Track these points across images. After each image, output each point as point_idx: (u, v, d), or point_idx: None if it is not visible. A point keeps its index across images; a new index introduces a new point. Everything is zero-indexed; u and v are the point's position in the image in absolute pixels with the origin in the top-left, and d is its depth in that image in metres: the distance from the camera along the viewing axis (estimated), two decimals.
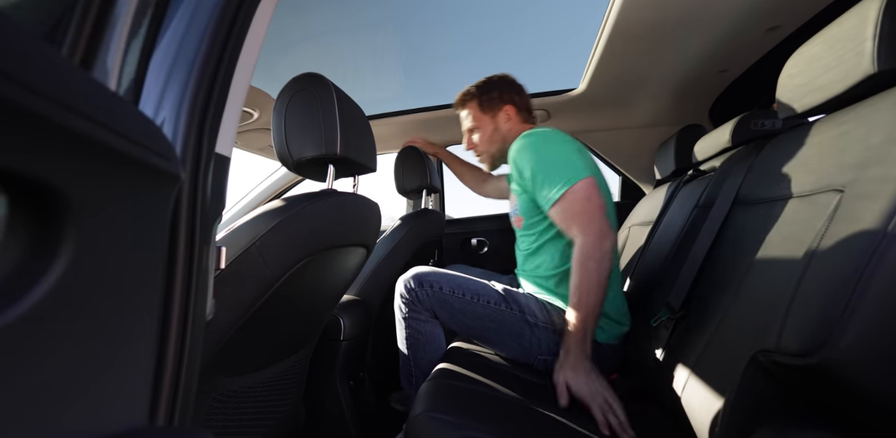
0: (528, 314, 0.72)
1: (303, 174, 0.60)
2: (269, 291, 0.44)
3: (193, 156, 0.27)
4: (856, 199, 0.35)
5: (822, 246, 0.37)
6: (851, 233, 0.34)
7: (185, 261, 0.26)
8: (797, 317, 0.35)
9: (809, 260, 0.37)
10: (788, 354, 0.34)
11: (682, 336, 0.57)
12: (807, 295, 0.35)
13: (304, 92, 0.54)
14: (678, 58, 0.96)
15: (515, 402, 0.55)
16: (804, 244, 0.39)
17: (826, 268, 0.35)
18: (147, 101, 0.26)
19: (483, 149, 0.91)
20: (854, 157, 0.38)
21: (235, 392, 0.48)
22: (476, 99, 0.90)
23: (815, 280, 0.35)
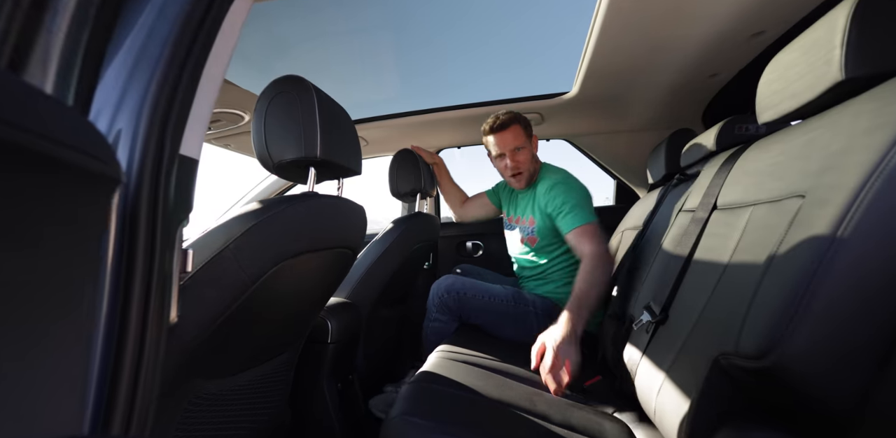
0: (531, 306, 0.99)
1: (284, 176, 0.61)
2: (245, 294, 0.45)
3: (154, 158, 0.27)
4: (812, 206, 0.36)
5: (779, 251, 0.37)
6: (805, 239, 0.34)
7: (145, 265, 0.27)
8: (754, 321, 0.35)
9: (769, 265, 0.38)
10: (745, 357, 0.34)
11: (660, 340, 0.57)
12: (763, 300, 0.36)
13: (285, 94, 0.54)
14: (668, 62, 0.96)
15: (496, 406, 0.55)
16: (766, 250, 0.40)
17: (781, 273, 0.35)
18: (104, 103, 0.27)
19: (526, 167, 1.07)
20: (816, 164, 0.39)
21: (214, 395, 0.49)
22: (520, 122, 1.06)
23: (771, 284, 0.36)
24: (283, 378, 0.64)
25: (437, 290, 1.00)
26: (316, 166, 0.59)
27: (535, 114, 1.41)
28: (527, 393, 0.61)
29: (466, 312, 0.99)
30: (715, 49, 0.87)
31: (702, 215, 0.60)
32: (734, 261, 0.47)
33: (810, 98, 0.43)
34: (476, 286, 1.01)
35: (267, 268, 0.47)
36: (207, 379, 0.47)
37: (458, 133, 1.57)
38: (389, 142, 1.59)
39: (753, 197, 0.49)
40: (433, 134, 1.58)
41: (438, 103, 1.46)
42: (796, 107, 0.46)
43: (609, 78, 1.07)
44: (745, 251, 0.45)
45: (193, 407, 0.45)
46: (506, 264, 1.50)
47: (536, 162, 1.11)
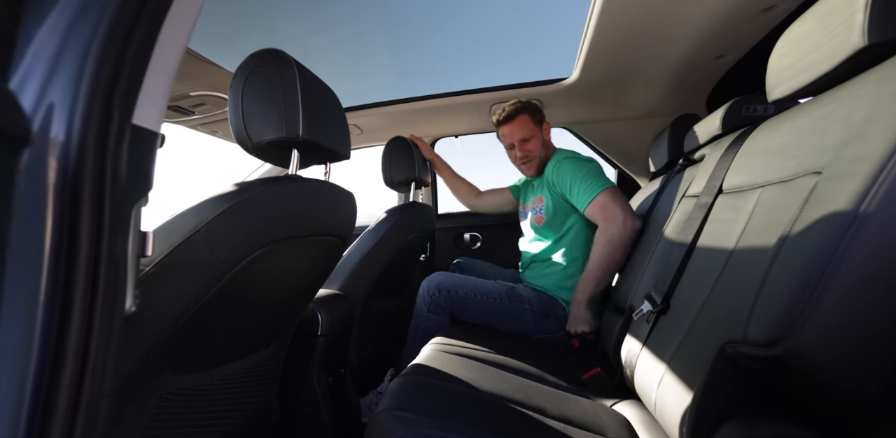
0: (527, 304, 0.96)
1: (265, 159, 0.57)
2: (222, 281, 0.42)
3: (99, 128, 0.24)
4: (831, 181, 0.33)
5: (793, 231, 0.34)
6: (822, 216, 0.31)
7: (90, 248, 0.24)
8: (764, 306, 0.33)
9: (780, 247, 0.35)
10: (754, 345, 0.32)
11: (662, 330, 0.55)
12: (774, 284, 0.33)
13: (263, 69, 0.50)
14: (671, 43, 0.92)
15: (490, 399, 0.53)
16: (778, 231, 0.37)
17: (795, 255, 0.33)
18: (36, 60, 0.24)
19: (535, 154, 1.07)
20: (835, 138, 0.36)
21: (190, 390, 0.47)
22: (527, 112, 1.06)
23: (784, 267, 0.33)
24: (270, 372, 0.62)
25: (428, 288, 0.97)
26: (299, 148, 0.55)
27: (535, 101, 1.36)
28: (522, 386, 0.59)
29: (459, 311, 0.96)
30: (722, 27, 0.83)
31: (706, 200, 0.57)
32: (741, 246, 0.44)
33: (827, 69, 0.40)
34: (467, 283, 0.97)
35: (244, 254, 0.44)
36: (181, 373, 0.45)
37: (456, 121, 1.53)
38: (385, 131, 1.55)
39: (763, 178, 0.46)
40: (430, 122, 1.53)
41: (435, 90, 1.41)
42: (811, 80, 0.43)
43: (610, 61, 1.03)
44: (754, 235, 0.42)
45: (166, 404, 0.43)
46: (505, 256, 1.48)
47: (548, 148, 1.09)
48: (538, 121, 1.07)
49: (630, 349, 0.61)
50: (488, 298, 0.96)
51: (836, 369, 0.28)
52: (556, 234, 1.03)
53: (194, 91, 0.98)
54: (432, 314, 0.97)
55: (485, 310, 0.96)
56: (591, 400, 0.60)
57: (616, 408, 0.59)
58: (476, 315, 0.96)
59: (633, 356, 0.59)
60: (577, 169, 0.96)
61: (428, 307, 0.97)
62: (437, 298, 0.96)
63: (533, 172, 1.09)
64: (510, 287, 0.99)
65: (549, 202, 1.03)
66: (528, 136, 1.06)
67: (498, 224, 1.65)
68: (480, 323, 0.97)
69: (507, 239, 1.64)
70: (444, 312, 0.97)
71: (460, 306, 0.96)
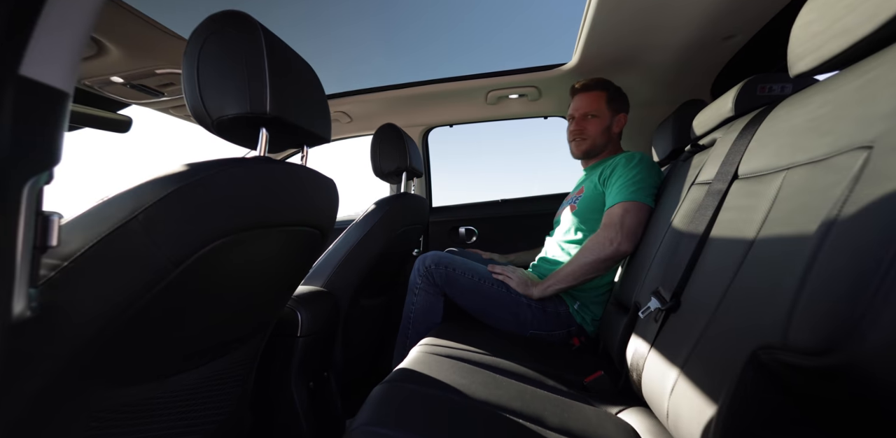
0: (523, 297, 0.90)
1: (230, 139, 0.50)
2: (167, 279, 0.36)
3: None
4: (891, 153, 0.28)
5: (842, 215, 0.29)
6: (885, 194, 0.26)
7: None
8: (810, 305, 0.27)
9: (825, 234, 0.30)
10: (799, 352, 0.27)
11: (672, 330, 0.49)
12: (823, 277, 0.28)
13: (222, 34, 0.44)
14: (675, 24, 0.86)
15: (482, 408, 0.48)
16: (818, 216, 0.31)
17: (849, 242, 0.27)
18: None
19: (590, 135, 1.00)
20: (886, 105, 0.30)
21: (131, 407, 0.40)
22: (607, 91, 1.00)
23: (834, 257, 0.28)
24: (237, 379, 0.56)
25: (424, 261, 0.92)
26: (268, 127, 0.49)
27: (532, 87, 1.30)
28: (519, 392, 0.54)
29: (453, 290, 0.91)
30: (733, 3, 0.77)
31: (720, 186, 0.52)
32: (764, 236, 0.39)
33: (868, 32, 0.34)
34: (466, 264, 0.93)
35: (195, 247, 0.37)
36: (118, 387, 0.38)
37: (450, 109, 1.46)
38: (375, 119, 1.48)
39: (787, 160, 0.41)
40: (424, 109, 1.46)
41: (429, 76, 1.34)
42: (846, 47, 0.37)
43: (611, 45, 0.97)
44: (781, 222, 0.37)
45: (100, 425, 0.36)
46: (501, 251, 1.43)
47: (608, 138, 1.01)
48: (614, 108, 1.00)
49: (636, 350, 0.56)
50: (486, 283, 0.91)
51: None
52: (577, 231, 0.97)
53: (161, 68, 0.90)
54: (425, 292, 0.92)
55: (480, 295, 0.90)
56: (594, 407, 0.54)
57: (622, 416, 0.54)
58: (471, 298, 0.91)
59: (640, 358, 0.54)
60: (639, 169, 0.88)
61: (422, 282, 0.92)
62: (433, 272, 0.90)
63: (579, 153, 1.03)
64: None
65: (587, 193, 0.97)
66: (594, 114, 0.99)
67: (494, 217, 1.60)
68: (473, 308, 0.92)
69: (504, 233, 1.58)
70: (437, 290, 0.92)
71: (455, 285, 0.91)
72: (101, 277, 0.32)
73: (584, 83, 1.02)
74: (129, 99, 1.03)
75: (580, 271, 0.84)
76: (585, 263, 0.84)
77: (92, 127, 0.95)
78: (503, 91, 1.32)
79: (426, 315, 0.93)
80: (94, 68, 0.86)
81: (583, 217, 0.96)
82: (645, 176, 0.87)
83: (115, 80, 0.92)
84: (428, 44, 1.33)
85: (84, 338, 0.31)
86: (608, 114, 0.99)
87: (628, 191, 0.85)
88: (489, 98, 1.36)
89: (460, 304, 0.93)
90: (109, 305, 0.33)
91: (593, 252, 0.83)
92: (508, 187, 3.71)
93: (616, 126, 1.01)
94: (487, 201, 1.66)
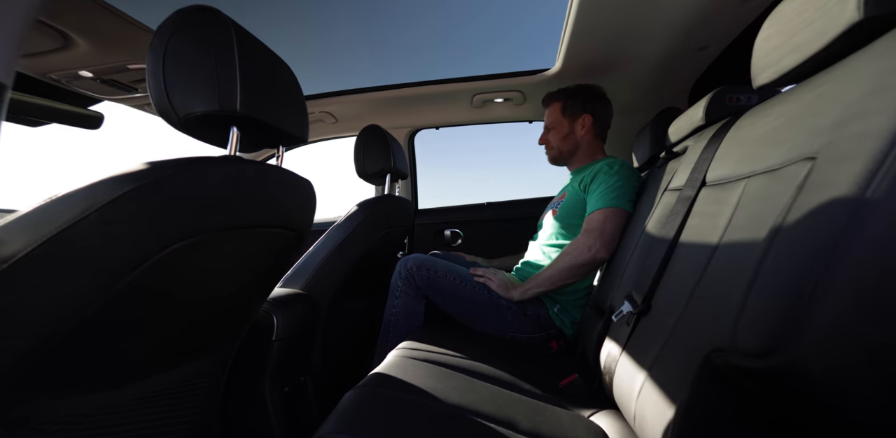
0: (503, 300, 0.90)
1: (197, 136, 0.48)
2: (122, 282, 0.34)
3: None
4: (829, 164, 0.29)
5: (786, 223, 0.30)
6: (822, 203, 0.27)
7: None
8: (755, 308, 0.29)
9: (771, 241, 0.31)
10: (745, 354, 0.28)
11: (643, 333, 0.50)
12: (767, 282, 0.29)
13: (190, 30, 0.42)
14: (651, 34, 0.88)
15: (453, 412, 0.47)
16: (767, 224, 0.33)
17: (790, 249, 0.29)
18: None
19: (554, 145, 1.06)
20: (829, 118, 0.32)
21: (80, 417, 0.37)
22: (560, 101, 1.04)
23: (776, 263, 0.29)
24: (204, 386, 0.53)
25: (406, 264, 0.92)
26: (239, 125, 0.47)
27: (517, 92, 1.31)
28: (493, 395, 0.54)
29: (434, 293, 0.91)
30: (704, 17, 0.80)
31: (689, 193, 0.53)
32: (725, 241, 0.40)
33: (819, 47, 0.36)
34: (448, 267, 0.93)
35: (153, 249, 0.36)
36: (64, 397, 0.36)
37: (436, 111, 1.46)
38: (361, 120, 1.47)
39: (748, 168, 0.42)
40: (410, 111, 1.46)
41: (415, 78, 1.34)
42: (801, 61, 0.39)
43: (591, 52, 0.99)
44: (739, 229, 0.38)
45: (40, 437, 0.34)
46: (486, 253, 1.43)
47: (574, 143, 1.04)
48: (571, 114, 1.02)
49: (609, 353, 0.56)
50: (467, 285, 0.91)
51: (844, 383, 0.23)
52: (557, 236, 0.98)
53: (133, 64, 0.87)
54: (406, 295, 0.92)
55: (461, 297, 0.90)
56: (567, 411, 0.55)
57: (594, 419, 0.54)
58: (452, 301, 0.91)
59: (612, 361, 0.54)
60: (619, 177, 0.90)
61: (403, 284, 0.91)
62: (415, 274, 0.90)
63: (551, 160, 1.09)
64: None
65: (568, 197, 0.99)
66: (551, 126, 1.05)
67: (479, 220, 1.60)
68: (455, 311, 0.92)
69: (489, 236, 1.59)
70: (419, 293, 0.92)
71: (437, 288, 0.91)
72: (45, 282, 0.30)
73: (543, 98, 1.08)
74: (100, 94, 0.99)
75: (558, 276, 0.85)
76: (563, 268, 0.85)
77: (59, 122, 0.91)
78: (488, 94, 1.33)
79: (407, 318, 0.93)
80: (61, 61, 0.83)
81: (564, 222, 0.98)
82: (624, 182, 0.89)
83: (84, 75, 0.88)
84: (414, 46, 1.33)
85: (18, 348, 0.29)
86: (565, 122, 1.03)
87: (609, 198, 0.87)
88: (475, 101, 1.37)
89: (441, 307, 0.93)
90: (54, 313, 0.31)
91: (571, 257, 0.84)
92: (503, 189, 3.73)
93: (580, 129, 1.03)
94: (473, 204, 1.66)
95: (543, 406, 0.54)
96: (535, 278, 0.89)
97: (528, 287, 0.88)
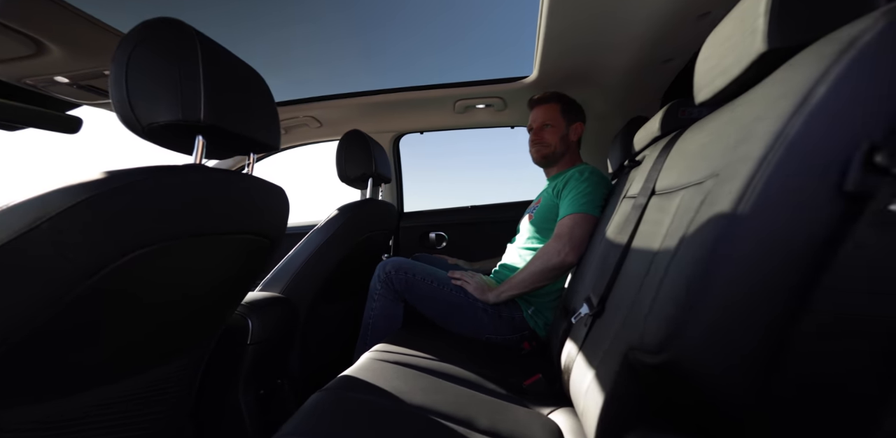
0: (479, 302, 0.92)
1: (163, 144, 0.49)
2: (76, 290, 0.35)
3: None
4: (721, 183, 0.33)
5: (686, 234, 0.34)
6: (709, 218, 0.31)
7: None
8: (658, 310, 0.32)
9: (677, 249, 0.35)
10: (646, 351, 0.31)
11: (596, 334, 0.53)
12: (667, 287, 0.33)
13: (154, 42, 0.43)
14: (620, 46, 0.93)
15: (415, 413, 0.49)
16: (679, 233, 0.37)
17: (683, 258, 0.32)
18: None
19: (548, 142, 1.07)
20: (733, 139, 0.35)
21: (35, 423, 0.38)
22: (560, 102, 1.07)
23: (675, 271, 0.33)
24: (174, 390, 0.54)
25: (385, 267, 0.94)
26: (205, 134, 0.49)
27: (498, 98, 1.35)
28: (456, 395, 0.56)
29: (412, 296, 0.93)
30: (664, 32, 0.84)
31: (641, 201, 0.57)
32: (661, 249, 0.44)
33: (737, 73, 0.40)
34: (426, 270, 0.95)
35: (111, 256, 0.36)
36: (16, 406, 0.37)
37: (420, 117, 1.49)
38: (346, 124, 1.48)
39: (686, 180, 0.46)
40: (394, 116, 1.48)
41: (399, 83, 1.36)
42: (727, 84, 0.42)
43: (564, 60, 1.03)
44: (669, 237, 0.42)
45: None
46: (470, 256, 1.45)
47: (569, 147, 1.07)
48: (568, 118, 1.07)
49: (569, 353, 0.59)
50: (444, 288, 0.93)
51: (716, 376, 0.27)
52: (532, 239, 1.01)
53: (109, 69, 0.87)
54: (384, 298, 0.93)
55: (438, 300, 0.93)
56: (528, 409, 0.57)
57: (552, 416, 0.57)
58: (429, 304, 0.93)
59: (570, 361, 0.57)
60: (588, 183, 0.94)
61: (381, 287, 0.93)
62: (393, 278, 0.92)
63: (539, 158, 1.09)
64: None
65: (543, 202, 1.03)
66: (550, 124, 1.06)
67: (464, 223, 1.63)
68: (432, 313, 0.94)
69: (473, 238, 1.61)
70: (397, 296, 0.93)
71: (414, 291, 0.93)
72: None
73: (539, 97, 1.09)
74: (79, 99, 0.99)
75: (530, 279, 0.88)
76: (535, 271, 0.88)
77: (36, 127, 0.90)
78: (470, 101, 1.37)
79: (385, 321, 0.94)
80: (35, 67, 0.83)
81: (538, 226, 1.01)
82: (594, 188, 0.93)
83: (60, 80, 0.88)
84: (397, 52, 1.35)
85: None
86: (563, 123, 1.06)
87: (578, 204, 0.90)
88: (457, 107, 1.40)
89: (419, 310, 0.95)
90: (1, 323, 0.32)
91: (542, 261, 0.88)
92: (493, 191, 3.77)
93: (573, 134, 1.08)
94: (458, 207, 1.69)
95: (505, 405, 0.56)
96: (509, 281, 0.92)
97: (502, 289, 0.91)
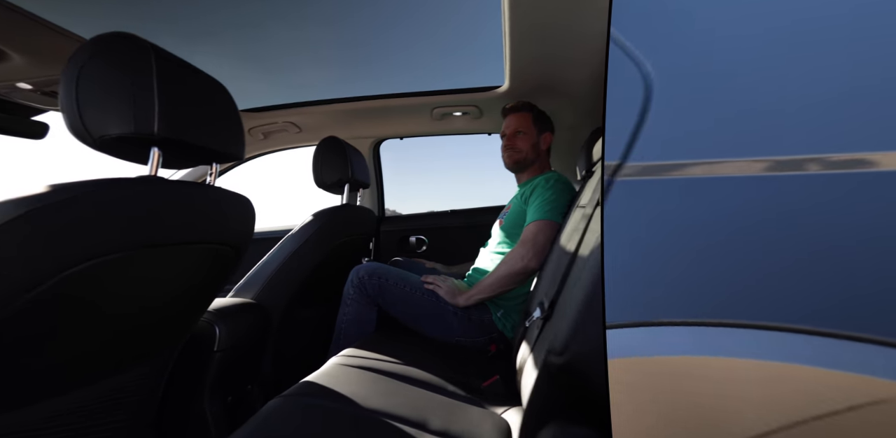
0: (450, 305, 0.95)
1: (117, 155, 0.49)
2: (13, 305, 0.35)
3: None
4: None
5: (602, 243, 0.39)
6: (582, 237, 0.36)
7: None
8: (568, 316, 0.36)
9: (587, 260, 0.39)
10: (552, 352, 0.35)
11: (545, 336, 0.56)
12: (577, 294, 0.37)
13: (107, 55, 0.44)
14: (581, 61, 0.97)
15: (368, 418, 0.51)
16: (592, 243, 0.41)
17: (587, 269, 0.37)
18: None
19: (520, 149, 1.11)
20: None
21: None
22: (532, 112, 1.12)
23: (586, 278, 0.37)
24: (130, 399, 0.55)
25: (358, 272, 0.96)
26: (160, 146, 0.49)
27: (473, 106, 1.38)
28: (414, 398, 0.58)
29: (385, 301, 0.96)
30: None
31: (588, 211, 0.60)
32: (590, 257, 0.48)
33: None
34: (400, 274, 0.98)
35: (50, 271, 0.37)
36: None
37: (399, 123, 1.52)
38: (325, 130, 1.50)
39: None
40: (373, 122, 1.51)
41: (378, 90, 1.38)
42: None
43: (530, 73, 1.07)
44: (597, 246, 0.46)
45: None
46: (450, 260, 1.48)
47: (537, 154, 1.11)
48: (539, 127, 1.11)
49: (522, 355, 0.62)
50: (417, 293, 0.96)
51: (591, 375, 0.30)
52: (502, 244, 1.05)
53: None
54: (357, 303, 0.95)
55: (410, 305, 0.95)
56: (482, 409, 0.60)
57: (505, 415, 0.60)
58: (402, 308, 0.96)
59: (523, 362, 0.60)
60: (553, 191, 0.98)
61: (354, 292, 0.95)
62: (366, 283, 0.95)
63: (511, 163, 1.13)
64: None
65: (512, 208, 1.06)
66: (523, 131, 1.10)
67: (443, 227, 1.65)
68: (405, 319, 0.97)
69: (453, 242, 1.64)
70: (370, 301, 0.96)
71: (387, 296, 0.95)
72: None
73: (512, 105, 1.14)
74: (44, 105, 0.98)
75: (497, 283, 0.92)
76: (501, 276, 0.91)
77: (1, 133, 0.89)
78: (447, 108, 1.40)
79: (358, 326, 0.96)
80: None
81: (508, 231, 1.05)
82: (558, 196, 0.97)
83: (23, 87, 0.87)
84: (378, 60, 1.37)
85: None
86: (534, 132, 1.11)
87: (543, 211, 0.94)
88: (434, 114, 1.43)
89: (392, 314, 0.97)
90: None
91: (508, 266, 0.91)
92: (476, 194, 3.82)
93: (543, 143, 1.12)
94: (438, 211, 1.72)
95: (460, 406, 0.59)
96: (478, 285, 0.95)
97: (472, 293, 0.94)
